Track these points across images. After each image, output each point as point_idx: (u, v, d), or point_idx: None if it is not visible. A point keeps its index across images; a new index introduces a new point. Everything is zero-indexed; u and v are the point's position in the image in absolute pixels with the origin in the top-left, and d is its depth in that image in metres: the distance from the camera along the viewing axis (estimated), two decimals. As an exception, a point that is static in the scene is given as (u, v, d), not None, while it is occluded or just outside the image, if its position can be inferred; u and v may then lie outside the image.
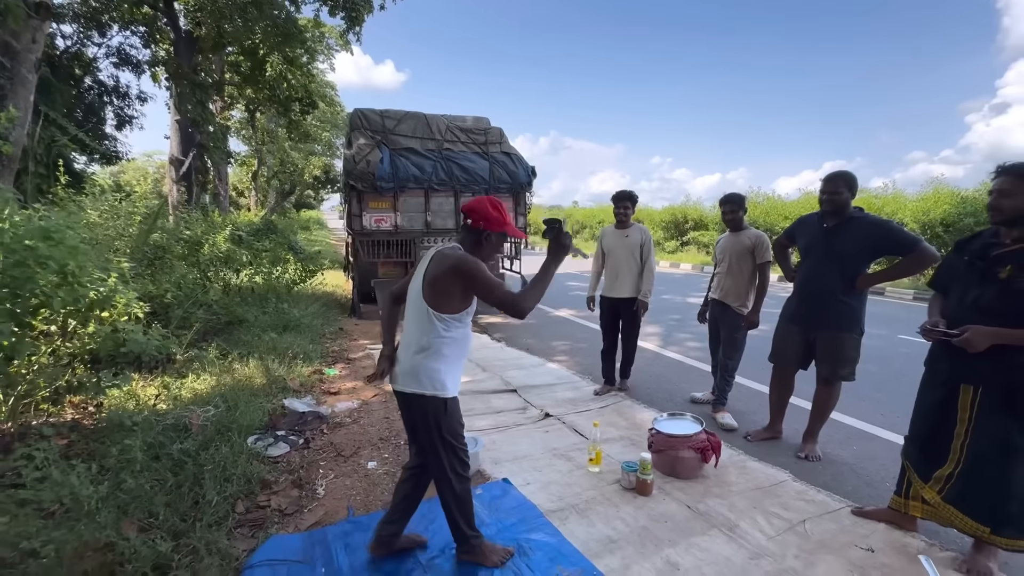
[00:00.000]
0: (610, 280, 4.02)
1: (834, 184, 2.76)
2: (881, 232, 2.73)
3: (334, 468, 2.78)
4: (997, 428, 1.91)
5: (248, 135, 21.62)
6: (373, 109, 6.58)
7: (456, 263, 1.68)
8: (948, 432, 2.03)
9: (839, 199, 2.75)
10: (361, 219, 6.36)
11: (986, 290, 1.92)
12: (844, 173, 2.78)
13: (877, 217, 2.90)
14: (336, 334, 5.85)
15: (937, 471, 2.07)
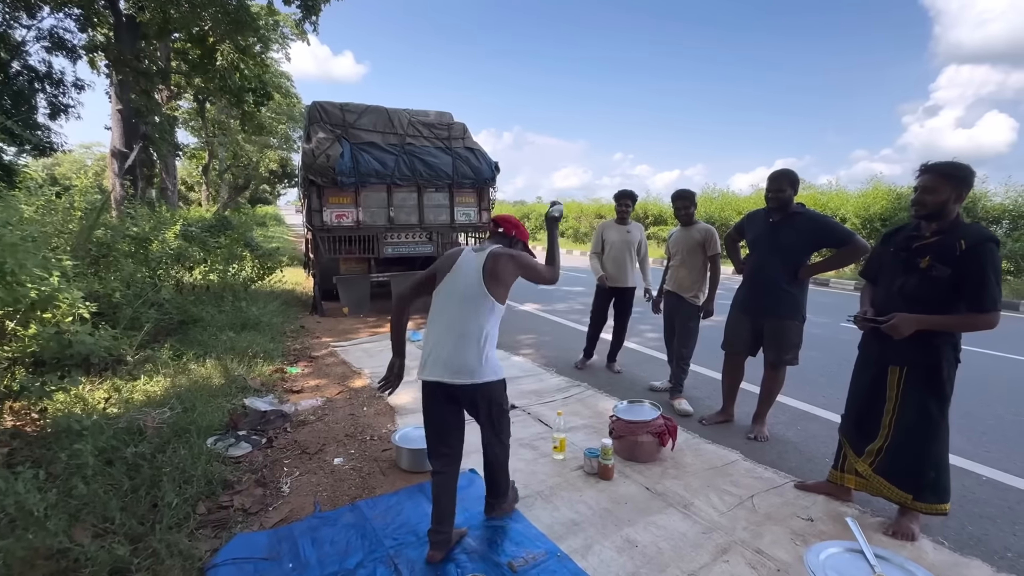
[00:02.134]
0: (608, 270, 4.35)
1: (778, 183, 2.96)
2: (820, 227, 2.94)
3: (299, 466, 2.76)
4: (919, 404, 2.11)
5: (198, 126, 20.63)
6: (332, 102, 6.43)
7: (518, 256, 2.01)
8: (879, 410, 2.22)
9: (783, 196, 2.95)
10: (321, 215, 6.23)
11: (909, 279, 2.10)
12: (787, 172, 2.98)
13: (817, 213, 3.11)
14: (298, 332, 5.73)
15: (869, 445, 2.27)
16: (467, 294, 1.91)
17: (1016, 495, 2.58)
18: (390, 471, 2.71)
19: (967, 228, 2.02)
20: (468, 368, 1.88)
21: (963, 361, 2.16)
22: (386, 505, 2.36)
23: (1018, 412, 3.66)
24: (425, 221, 6.80)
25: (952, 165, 2.04)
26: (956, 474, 2.72)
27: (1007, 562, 2.05)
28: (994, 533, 2.25)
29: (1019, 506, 2.47)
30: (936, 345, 2.07)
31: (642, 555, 2.03)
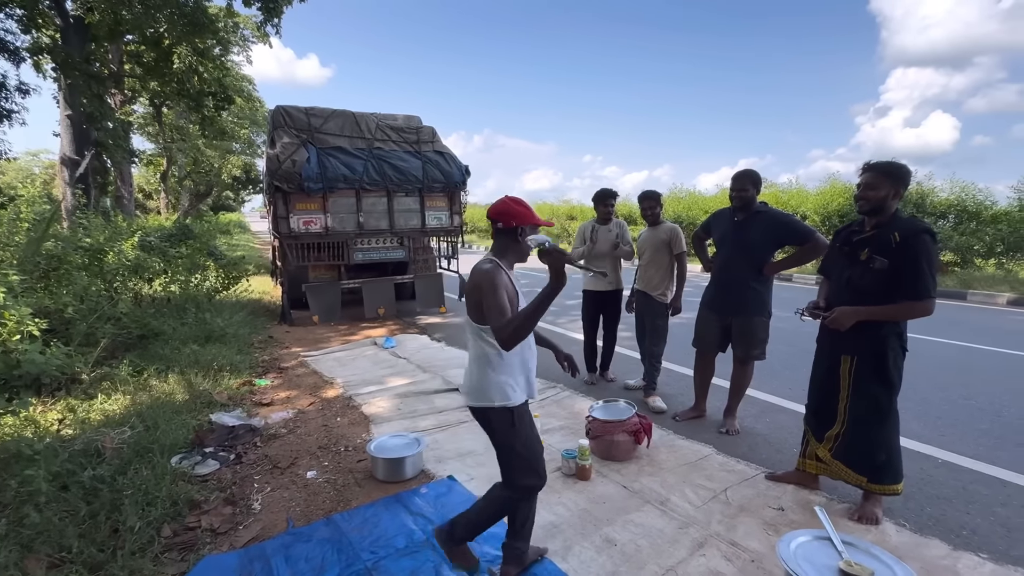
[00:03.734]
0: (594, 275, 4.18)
1: (741, 182, 3.04)
2: (782, 224, 3.04)
3: (270, 481, 2.68)
4: (869, 391, 2.23)
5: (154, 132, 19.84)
6: (297, 106, 6.30)
7: (482, 286, 1.65)
8: (835, 397, 2.34)
9: (746, 195, 3.04)
10: (288, 221, 6.08)
11: (854, 271, 2.23)
12: (749, 172, 3.07)
13: (780, 211, 3.21)
14: (266, 343, 5.57)
15: (828, 431, 2.38)
16: (467, 313, 1.81)
17: (969, 475, 2.72)
18: (366, 482, 2.66)
19: (902, 221, 2.15)
20: (469, 388, 1.81)
21: (918, 349, 2.27)
22: (362, 517, 2.31)
23: (969, 396, 3.86)
24: (396, 226, 6.72)
25: (890, 164, 2.17)
26: (914, 458, 2.86)
27: (963, 539, 2.16)
28: (950, 513, 2.37)
29: (972, 486, 2.61)
30: (883, 335, 2.18)
31: (621, 553, 2.05)
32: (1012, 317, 7.10)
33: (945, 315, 7.05)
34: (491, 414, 1.75)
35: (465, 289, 1.82)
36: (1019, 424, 3.37)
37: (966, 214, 10.38)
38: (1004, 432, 3.25)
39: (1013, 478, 2.68)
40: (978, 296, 8.50)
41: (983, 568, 1.96)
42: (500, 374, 1.74)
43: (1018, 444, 3.08)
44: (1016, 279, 9.09)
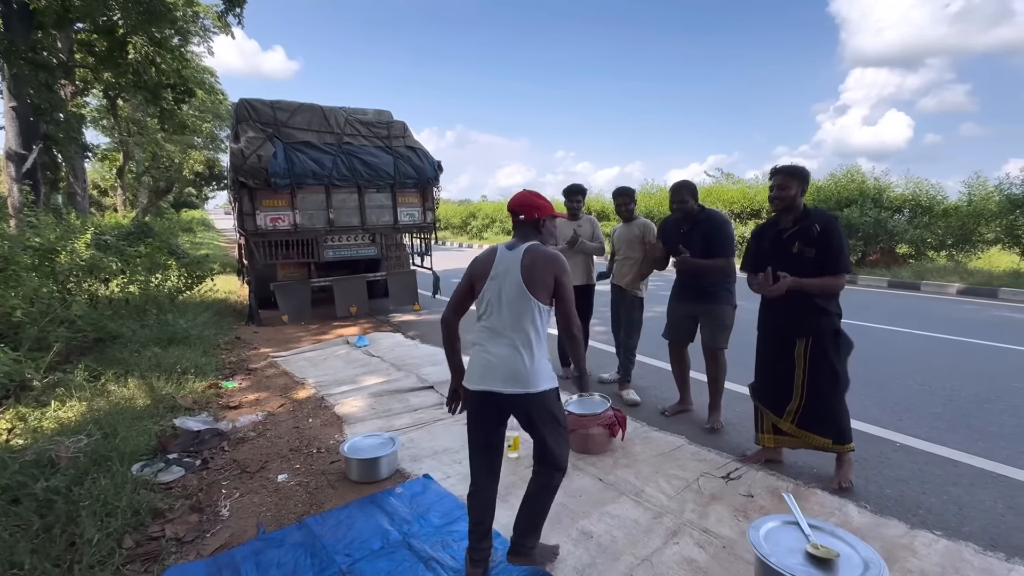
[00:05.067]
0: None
1: (679, 194, 3.19)
2: (716, 231, 3.14)
3: (239, 486, 2.59)
4: (826, 365, 2.46)
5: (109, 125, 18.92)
6: (261, 100, 6.10)
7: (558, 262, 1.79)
8: (789, 375, 2.54)
9: (686, 207, 3.19)
10: (255, 218, 5.90)
11: (789, 263, 2.46)
12: (686, 184, 3.22)
13: (719, 217, 3.25)
14: (233, 344, 5.40)
15: (788, 406, 2.58)
16: (509, 297, 1.78)
17: (925, 457, 2.85)
18: (340, 484, 2.61)
19: (816, 214, 2.46)
20: (522, 376, 1.75)
21: (877, 338, 2.45)
22: (336, 520, 2.26)
23: (923, 382, 4.05)
24: (367, 223, 6.61)
25: (795, 166, 2.48)
26: (874, 442, 2.99)
27: (919, 518, 2.27)
28: (908, 494, 2.48)
29: (927, 467, 2.74)
30: (831, 317, 2.46)
31: (597, 545, 2.08)
32: (962, 306, 7.49)
33: (901, 305, 7.38)
34: (546, 396, 1.78)
35: (526, 267, 1.76)
36: (968, 407, 3.56)
37: (920, 208, 10.88)
38: (955, 415, 3.43)
39: (964, 458, 2.83)
40: (931, 287, 8.93)
41: (937, 544, 2.06)
42: (545, 356, 1.81)
43: (968, 426, 3.25)
44: (965, 270, 9.59)
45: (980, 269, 9.67)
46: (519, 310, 1.76)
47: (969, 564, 1.95)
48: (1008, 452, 2.89)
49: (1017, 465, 2.74)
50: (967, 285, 8.58)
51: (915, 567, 1.93)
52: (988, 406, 3.57)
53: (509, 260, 1.81)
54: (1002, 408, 3.53)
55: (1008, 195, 9.56)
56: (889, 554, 1.99)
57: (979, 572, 1.90)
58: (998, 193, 9.81)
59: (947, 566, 1.93)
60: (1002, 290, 8.14)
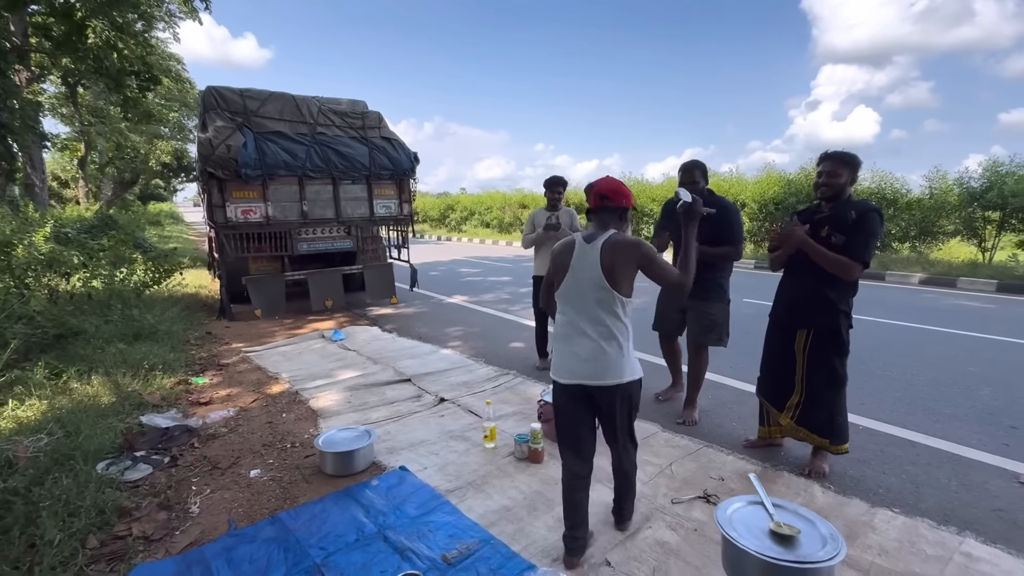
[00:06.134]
0: (544, 259, 4.21)
1: (691, 174, 3.08)
2: (725, 216, 3.06)
3: (210, 483, 2.54)
4: (824, 362, 2.44)
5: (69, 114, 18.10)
6: (230, 88, 5.91)
7: (641, 247, 1.78)
8: (791, 369, 2.53)
9: (698, 187, 3.09)
10: (225, 210, 5.73)
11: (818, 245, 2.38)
12: (698, 163, 3.12)
13: (728, 202, 3.19)
14: (203, 339, 5.27)
15: (788, 401, 2.58)
16: (589, 290, 1.78)
17: (885, 439, 2.97)
18: (314, 478, 2.58)
19: (857, 203, 2.38)
20: (610, 369, 1.77)
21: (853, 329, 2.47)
22: (311, 513, 2.24)
23: (885, 368, 4.22)
24: (343, 215, 6.50)
25: (847, 153, 2.38)
26: (838, 426, 3.10)
27: (879, 497, 2.37)
28: (869, 474, 2.59)
29: (888, 448, 2.86)
30: (837, 312, 2.40)
31: (572, 531, 2.10)
32: (923, 295, 7.80)
33: (866, 294, 7.61)
34: (633, 386, 1.82)
35: (605, 261, 1.76)
36: (926, 391, 3.72)
37: (885, 201, 11.24)
38: (914, 398, 3.58)
39: (921, 439, 2.96)
40: (895, 276, 9.27)
41: (896, 521, 2.16)
42: (631, 346, 1.84)
43: (926, 408, 3.40)
44: (927, 261, 9.98)
45: (941, 260, 10.08)
46: (600, 303, 1.77)
47: (924, 538, 2.04)
48: (962, 432, 3.03)
49: (970, 444, 2.88)
50: (928, 275, 8.94)
51: (874, 543, 2.02)
52: (945, 389, 3.74)
53: (588, 252, 1.79)
54: (957, 391, 3.70)
55: (967, 189, 9.96)
56: (851, 531, 2.08)
57: (933, 546, 2.00)
58: (957, 187, 10.21)
59: (904, 541, 2.03)
60: (960, 280, 8.51)
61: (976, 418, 3.24)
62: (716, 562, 1.83)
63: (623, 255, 1.75)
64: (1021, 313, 6.42)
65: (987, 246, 10.07)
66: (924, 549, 1.98)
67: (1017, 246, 9.81)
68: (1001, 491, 2.41)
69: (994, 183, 9.44)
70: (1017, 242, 9.79)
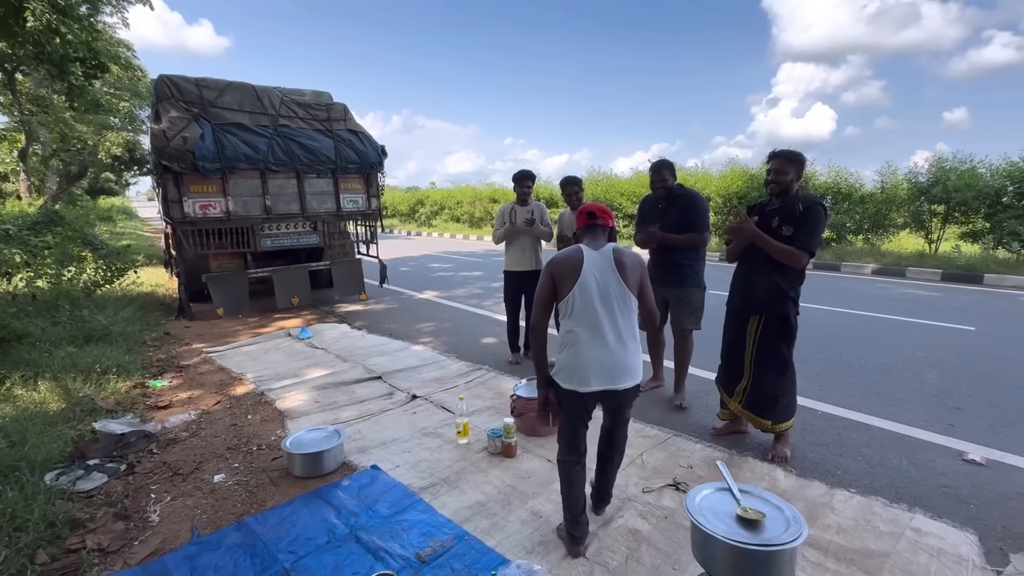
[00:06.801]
0: (514, 255, 4.23)
1: (660, 173, 3.29)
2: (695, 208, 3.24)
3: (170, 489, 2.44)
4: (772, 346, 2.57)
5: (7, 102, 16.92)
6: (185, 76, 5.65)
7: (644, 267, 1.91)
8: (741, 354, 2.67)
9: (667, 184, 3.28)
10: (181, 205, 5.49)
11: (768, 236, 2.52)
12: (666, 162, 3.30)
13: (696, 194, 3.33)
14: (161, 340, 5.04)
15: (737, 386, 2.72)
16: (610, 294, 1.83)
17: (843, 423, 3.11)
18: (282, 480, 2.51)
19: (803, 196, 2.52)
20: (633, 370, 1.86)
21: (803, 316, 2.60)
22: (279, 517, 2.18)
23: (841, 355, 4.41)
24: (308, 210, 6.32)
25: (792, 152, 2.54)
26: (799, 411, 3.19)
27: (837, 478, 2.48)
28: (828, 457, 2.70)
29: (845, 432, 2.99)
30: (787, 299, 2.53)
31: (547, 524, 2.12)
32: (876, 284, 8.20)
33: (822, 284, 7.97)
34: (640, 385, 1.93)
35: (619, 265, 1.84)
36: (879, 376, 3.91)
37: (840, 195, 11.73)
38: (868, 383, 3.76)
39: (875, 422, 3.11)
40: (849, 267, 9.71)
41: (852, 501, 2.26)
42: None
43: (878, 393, 3.58)
44: (879, 252, 10.48)
45: (891, 251, 10.60)
46: (620, 305, 1.83)
47: (878, 516, 2.15)
48: (912, 414, 3.21)
49: (918, 426, 3.04)
50: (880, 265, 9.39)
51: (833, 522, 2.11)
52: (895, 374, 3.94)
53: (601, 259, 1.85)
54: (907, 376, 3.91)
55: (915, 184, 10.50)
56: (811, 512, 2.17)
57: (886, 523, 2.11)
58: (906, 182, 10.75)
59: (860, 519, 2.13)
60: (909, 269, 8.98)
61: (924, 401, 3.43)
62: (686, 548, 1.87)
63: (630, 264, 1.86)
64: (963, 301, 6.82)
65: (933, 238, 10.65)
66: (878, 526, 2.09)
67: (959, 238, 10.41)
68: (947, 468, 2.57)
69: (939, 178, 9.97)
70: (960, 234, 10.40)
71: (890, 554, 1.92)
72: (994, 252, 9.60)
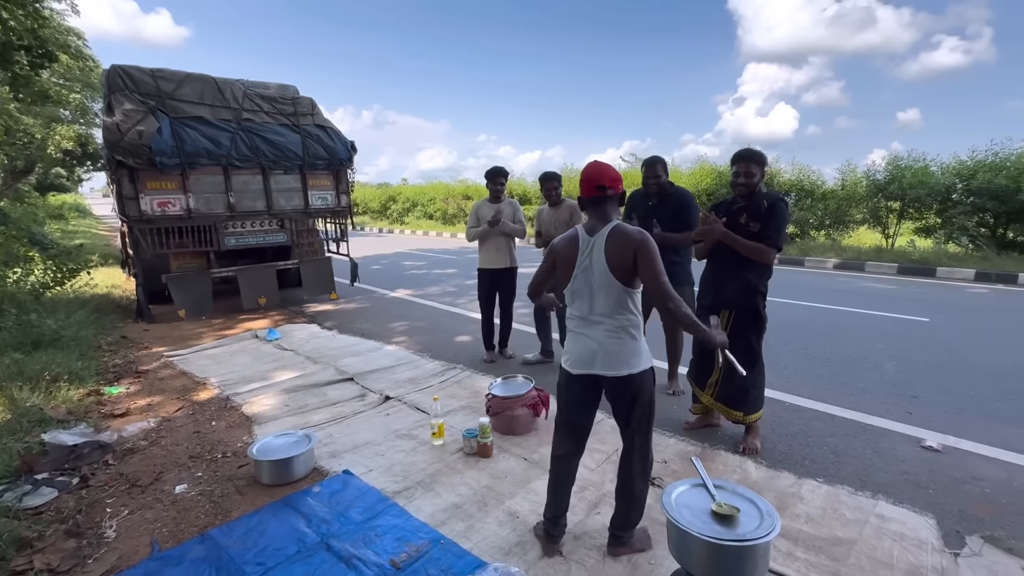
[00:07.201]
0: (488, 252, 4.18)
1: (653, 169, 3.30)
2: (687, 208, 3.28)
3: (128, 503, 2.32)
4: (743, 339, 2.62)
5: (-57, 92, 15.80)
6: (139, 67, 5.37)
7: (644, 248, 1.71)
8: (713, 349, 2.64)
9: (660, 181, 3.30)
10: (138, 203, 5.23)
11: (736, 233, 2.58)
12: (659, 159, 3.32)
13: (688, 194, 3.38)
14: (118, 344, 4.80)
15: (708, 379, 2.78)
16: (598, 285, 1.77)
17: (810, 414, 3.21)
18: (249, 489, 2.42)
19: (767, 193, 2.59)
20: (616, 358, 1.77)
21: (769, 310, 2.68)
22: (245, 528, 2.10)
23: (807, 347, 4.55)
24: (275, 207, 6.12)
25: (758, 153, 2.60)
26: (768, 404, 3.27)
27: (805, 468, 2.55)
28: (796, 447, 2.78)
29: (812, 423, 3.08)
30: (756, 293, 2.60)
31: (523, 524, 2.10)
32: (838, 279, 8.50)
33: (787, 279, 8.22)
34: (644, 377, 1.80)
35: (609, 254, 1.73)
36: (842, 367, 4.05)
37: (803, 192, 12.12)
38: (832, 374, 3.89)
39: (839, 412, 3.21)
40: (812, 262, 10.04)
41: (820, 490, 2.33)
42: (642, 338, 1.82)
43: (842, 383, 3.70)
44: (840, 247, 10.87)
45: (851, 246, 11.02)
46: (608, 296, 1.76)
47: (844, 504, 2.22)
48: (873, 404, 3.33)
49: (879, 415, 3.16)
50: (841, 260, 9.75)
51: (802, 512, 2.17)
52: (857, 365, 4.09)
53: (593, 246, 1.78)
54: (868, 367, 4.06)
55: (873, 181, 10.93)
56: (781, 503, 2.22)
57: (852, 510, 2.17)
58: (865, 179, 11.18)
59: (827, 508, 2.19)
60: (868, 264, 9.35)
61: (884, 390, 3.57)
62: (662, 543, 1.89)
63: (624, 247, 1.73)
64: (918, 293, 7.15)
65: (890, 233, 11.13)
66: (844, 514, 2.15)
67: (914, 233, 10.90)
68: (907, 456, 2.67)
69: (895, 176, 10.41)
70: (914, 229, 10.88)
71: (856, 541, 1.98)
72: (945, 246, 10.10)
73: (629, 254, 1.72)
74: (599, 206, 1.81)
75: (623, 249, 1.73)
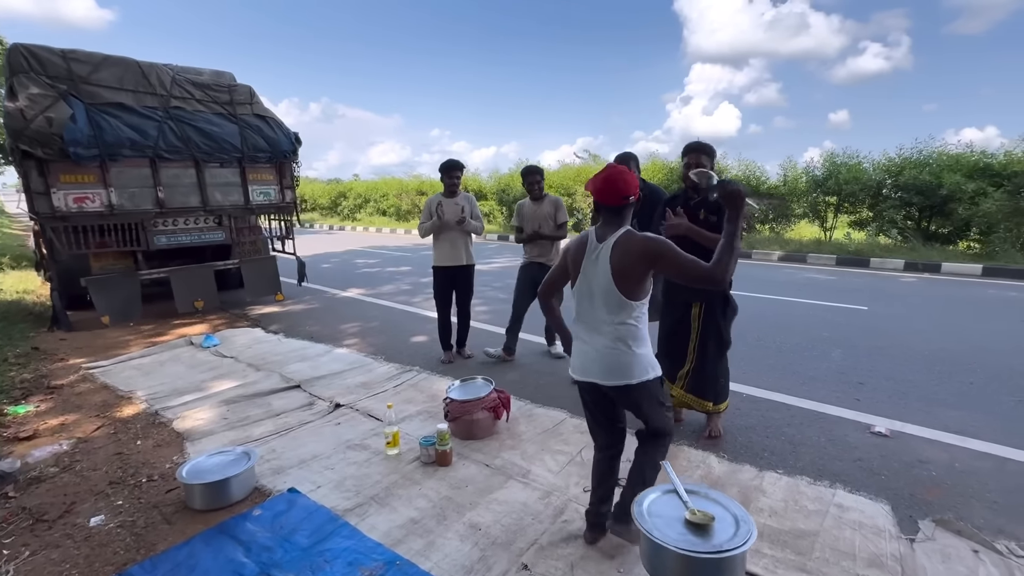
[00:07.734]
0: (443, 249, 4.03)
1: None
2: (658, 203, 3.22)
3: (31, 541, 2.01)
4: (714, 329, 2.67)
5: None
6: (48, 47, 4.82)
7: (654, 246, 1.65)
8: (685, 340, 2.73)
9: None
10: (49, 198, 4.70)
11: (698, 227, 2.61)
12: (631, 155, 3.36)
13: (659, 189, 3.42)
14: (27, 356, 4.29)
15: (679, 371, 2.77)
16: (598, 291, 1.73)
17: (767, 405, 3.25)
18: (179, 516, 2.16)
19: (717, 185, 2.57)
20: (616, 368, 1.72)
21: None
22: (173, 562, 1.86)
23: (759, 339, 4.67)
24: (211, 202, 5.68)
25: (706, 144, 2.67)
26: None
27: (765, 460, 2.56)
28: (755, 439, 2.80)
29: (769, 413, 3.12)
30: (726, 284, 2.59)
31: (486, 537, 1.98)
32: (783, 270, 8.87)
33: (738, 272, 8.47)
34: (642, 388, 1.75)
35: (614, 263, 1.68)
36: (792, 356, 4.17)
37: (750, 187, 12.59)
38: (784, 364, 3.99)
39: (793, 401, 3.28)
40: (759, 255, 10.44)
41: (780, 482, 2.33)
42: (645, 347, 1.76)
43: (793, 373, 3.80)
44: (783, 240, 11.38)
45: (793, 239, 11.55)
46: (607, 305, 1.72)
47: (805, 495, 2.23)
48: (823, 392, 3.42)
49: (830, 402, 3.25)
50: (785, 252, 10.19)
51: (765, 505, 2.16)
52: (806, 354, 4.22)
53: (600, 253, 1.74)
54: (816, 355, 4.19)
55: (812, 177, 11.49)
56: (744, 497, 2.20)
57: (812, 500, 2.19)
58: (805, 175, 11.74)
59: (788, 500, 2.19)
60: (809, 256, 9.82)
61: (832, 378, 3.68)
62: (633, 550, 1.82)
63: (632, 254, 1.67)
64: (856, 283, 7.55)
65: (828, 226, 11.74)
66: (806, 505, 2.15)
67: (849, 226, 11.55)
68: (858, 442, 2.74)
69: (832, 172, 10.98)
70: (849, 222, 11.53)
71: (819, 532, 1.98)
72: (877, 238, 10.76)
73: (643, 263, 1.67)
74: (620, 214, 1.76)
75: (631, 255, 1.68)
